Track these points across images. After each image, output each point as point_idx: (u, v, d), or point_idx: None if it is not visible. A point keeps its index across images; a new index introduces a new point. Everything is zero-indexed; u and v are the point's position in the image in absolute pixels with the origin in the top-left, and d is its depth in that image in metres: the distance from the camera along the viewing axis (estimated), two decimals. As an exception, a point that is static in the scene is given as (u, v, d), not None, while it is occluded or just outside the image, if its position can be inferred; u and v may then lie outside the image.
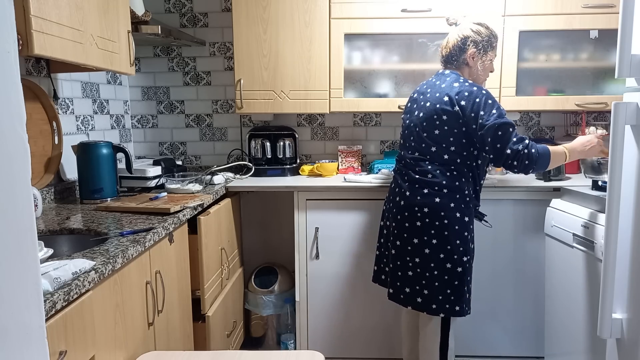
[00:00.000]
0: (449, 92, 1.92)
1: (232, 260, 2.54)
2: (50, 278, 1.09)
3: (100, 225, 1.71)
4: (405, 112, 2.13)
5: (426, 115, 1.96)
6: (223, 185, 2.54)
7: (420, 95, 2.06)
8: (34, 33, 1.45)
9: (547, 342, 2.30)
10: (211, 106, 3.04)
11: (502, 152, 1.85)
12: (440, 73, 2.06)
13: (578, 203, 2.07)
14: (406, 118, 2.10)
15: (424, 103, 2.00)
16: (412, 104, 2.09)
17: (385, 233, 2.13)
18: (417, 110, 2.02)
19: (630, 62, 1.41)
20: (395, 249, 2.02)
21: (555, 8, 2.49)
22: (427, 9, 2.53)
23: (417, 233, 1.95)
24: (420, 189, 1.95)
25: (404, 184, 2.01)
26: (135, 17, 2.27)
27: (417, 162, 1.99)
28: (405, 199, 1.98)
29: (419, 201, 1.94)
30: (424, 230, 1.94)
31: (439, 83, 2.00)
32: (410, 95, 2.15)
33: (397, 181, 2.07)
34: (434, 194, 1.93)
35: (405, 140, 2.07)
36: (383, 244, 2.17)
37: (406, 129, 2.08)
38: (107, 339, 1.34)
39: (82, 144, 2.14)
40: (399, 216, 2.00)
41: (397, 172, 2.10)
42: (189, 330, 2.03)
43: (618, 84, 2.55)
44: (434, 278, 1.95)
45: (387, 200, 2.14)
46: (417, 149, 1.99)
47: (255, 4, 2.58)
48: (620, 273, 1.52)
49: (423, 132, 1.97)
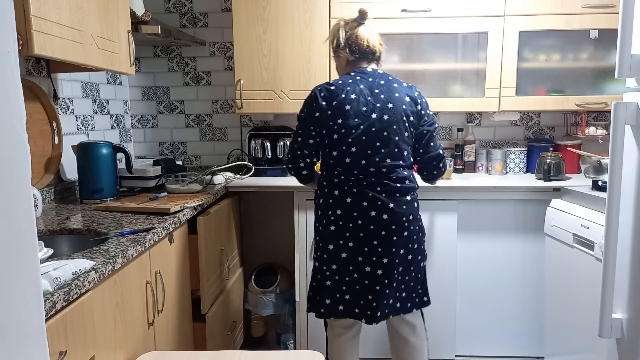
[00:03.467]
0: (407, 92, 1.90)
1: (232, 260, 2.54)
2: (50, 278, 1.09)
3: (100, 225, 1.71)
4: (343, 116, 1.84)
5: (395, 117, 1.84)
6: (223, 185, 2.54)
7: (363, 97, 1.85)
8: (34, 33, 1.45)
9: (547, 342, 2.30)
10: (211, 106, 3.04)
11: (437, 152, 1.94)
12: (381, 73, 1.93)
13: (578, 203, 2.07)
14: (356, 123, 1.83)
15: (382, 105, 1.84)
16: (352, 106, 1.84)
17: (347, 256, 1.86)
18: (377, 113, 1.84)
19: (630, 62, 1.41)
20: (381, 268, 1.84)
21: (555, 8, 2.49)
22: (427, 9, 2.53)
23: (404, 244, 1.86)
24: (403, 198, 1.85)
25: (380, 195, 1.82)
26: (135, 17, 2.27)
27: (393, 168, 1.84)
28: (390, 212, 1.82)
29: (406, 211, 1.85)
30: (410, 239, 1.88)
31: (387, 83, 1.89)
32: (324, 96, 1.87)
33: (363, 194, 1.83)
34: (413, 201, 1.89)
35: (367, 146, 1.83)
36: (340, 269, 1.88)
37: (365, 135, 1.83)
38: (107, 339, 1.34)
39: (82, 144, 2.14)
40: (383, 232, 1.82)
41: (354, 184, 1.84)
42: (189, 330, 2.03)
43: (618, 84, 2.55)
44: (411, 279, 1.94)
45: (345, 218, 1.84)
46: (389, 155, 1.84)
47: (255, 4, 2.58)
48: (620, 273, 1.51)
49: (395, 136, 1.84)
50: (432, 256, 2.52)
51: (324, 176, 1.92)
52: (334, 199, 1.86)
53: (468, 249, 2.54)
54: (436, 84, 2.64)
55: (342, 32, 1.96)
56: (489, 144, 2.97)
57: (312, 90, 1.93)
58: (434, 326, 2.56)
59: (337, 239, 1.86)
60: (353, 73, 1.93)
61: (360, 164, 1.83)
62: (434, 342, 2.57)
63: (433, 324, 2.56)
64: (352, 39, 1.93)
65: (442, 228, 2.49)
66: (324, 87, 1.90)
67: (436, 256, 2.51)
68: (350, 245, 1.85)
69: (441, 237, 2.50)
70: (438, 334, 2.56)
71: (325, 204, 1.89)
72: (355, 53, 1.93)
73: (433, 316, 2.55)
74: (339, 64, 2.02)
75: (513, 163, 2.81)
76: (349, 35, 1.94)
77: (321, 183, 1.93)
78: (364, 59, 1.94)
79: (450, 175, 2.62)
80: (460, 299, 2.57)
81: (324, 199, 1.90)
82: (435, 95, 2.62)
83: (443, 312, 2.55)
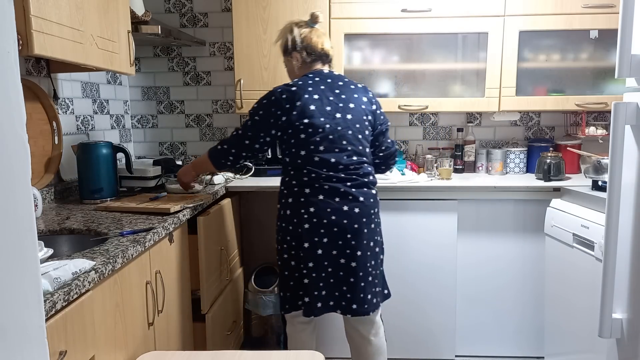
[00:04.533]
0: (363, 93, 1.99)
1: (232, 260, 2.54)
2: (50, 278, 1.09)
3: (100, 225, 1.71)
4: (309, 116, 1.88)
5: (357, 116, 1.93)
6: (223, 185, 2.54)
7: (325, 97, 1.91)
8: (34, 33, 1.45)
9: (547, 342, 2.30)
10: (211, 106, 3.04)
11: (394, 148, 2.12)
12: (337, 74, 2.01)
13: (578, 203, 2.07)
14: (321, 122, 1.88)
15: (344, 104, 1.92)
16: (317, 107, 1.89)
17: (323, 252, 1.89)
18: (341, 112, 1.91)
19: (630, 62, 1.41)
20: (355, 260, 1.90)
21: (555, 8, 2.49)
22: (427, 9, 2.53)
23: (371, 236, 1.94)
24: (370, 191, 1.94)
25: (350, 189, 1.89)
26: (135, 17, 2.27)
27: (359, 164, 1.92)
28: (360, 205, 1.90)
29: (372, 204, 1.94)
30: (375, 232, 1.97)
31: (345, 84, 1.97)
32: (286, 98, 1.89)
33: (334, 190, 1.87)
34: (376, 194, 1.99)
35: (334, 145, 1.88)
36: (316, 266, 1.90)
37: (332, 133, 1.88)
38: (107, 339, 1.34)
39: (82, 144, 2.14)
40: (355, 225, 1.89)
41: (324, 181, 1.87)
42: (189, 330, 2.03)
43: (618, 84, 2.55)
44: (380, 273, 2.03)
45: (318, 215, 1.87)
46: (355, 152, 1.91)
47: (255, 4, 2.58)
48: (620, 273, 1.52)
49: (358, 134, 1.93)
50: (432, 256, 2.52)
51: (291, 175, 1.93)
52: (305, 197, 1.89)
53: (468, 249, 2.54)
54: (436, 84, 2.64)
55: (296, 33, 1.99)
56: (489, 144, 2.97)
57: (271, 92, 1.94)
58: (434, 326, 2.56)
59: (312, 237, 1.89)
60: (311, 74, 1.97)
61: (329, 161, 1.88)
62: (434, 342, 2.57)
63: (433, 324, 2.56)
64: (306, 41, 1.98)
65: (442, 228, 2.49)
66: (285, 89, 1.92)
67: (436, 256, 2.52)
68: (325, 241, 1.90)
69: (441, 237, 2.50)
70: (438, 334, 2.57)
71: (295, 203, 1.91)
72: (312, 55, 1.99)
73: (433, 316, 2.55)
74: (291, 66, 2.06)
75: (513, 163, 2.81)
76: (303, 37, 1.98)
77: (289, 183, 1.94)
78: (318, 60, 2.01)
79: (450, 175, 2.62)
80: (460, 299, 2.57)
81: (293, 198, 1.92)
82: (435, 95, 2.62)
83: (443, 312, 2.55)
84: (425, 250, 2.52)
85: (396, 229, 2.51)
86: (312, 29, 2.00)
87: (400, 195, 2.50)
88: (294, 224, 1.92)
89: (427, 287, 2.53)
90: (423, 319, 2.57)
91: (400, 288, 2.55)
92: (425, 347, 2.58)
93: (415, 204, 2.50)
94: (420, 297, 2.55)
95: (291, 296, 1.98)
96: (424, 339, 2.57)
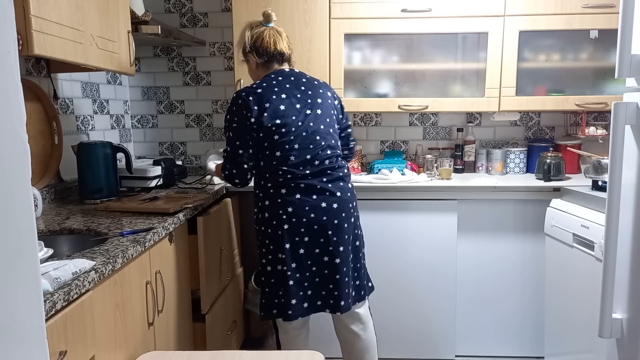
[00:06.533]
0: (326, 88, 2.02)
1: (232, 260, 2.54)
2: (50, 278, 1.09)
3: (100, 225, 1.71)
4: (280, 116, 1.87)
5: (326, 112, 1.96)
6: (223, 185, 2.54)
7: (293, 96, 1.91)
8: (34, 33, 1.45)
9: (547, 342, 2.30)
10: (211, 106, 3.04)
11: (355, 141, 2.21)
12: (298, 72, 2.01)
13: (578, 203, 2.07)
14: (293, 121, 1.87)
15: (312, 100, 1.94)
16: (286, 106, 1.88)
17: (305, 251, 1.90)
18: (310, 109, 1.92)
19: (630, 62, 1.41)
20: (339, 256, 1.90)
21: (555, 8, 2.49)
22: (427, 9, 2.53)
23: (351, 230, 1.95)
24: (346, 185, 1.95)
25: (327, 185, 1.89)
26: (135, 17, 2.27)
27: (333, 158, 1.94)
28: (338, 200, 1.90)
29: (350, 197, 1.95)
30: (354, 225, 1.98)
31: (308, 81, 1.99)
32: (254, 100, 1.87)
33: (311, 188, 1.87)
34: (352, 187, 2.00)
35: (308, 141, 1.88)
36: (300, 266, 1.91)
37: (305, 130, 1.88)
38: (107, 339, 1.34)
39: (82, 144, 2.14)
40: (335, 221, 1.89)
41: (301, 180, 1.87)
42: (189, 330, 2.03)
43: (618, 84, 2.55)
44: (361, 266, 2.02)
45: (297, 214, 1.87)
46: (329, 146, 1.93)
47: (255, 4, 2.58)
48: (620, 273, 1.52)
49: (329, 128, 1.96)
50: (432, 256, 2.52)
51: (266, 178, 1.92)
52: (282, 197, 1.88)
53: (468, 249, 2.54)
54: (436, 84, 2.64)
55: (247, 35, 1.98)
56: (489, 144, 2.97)
57: (236, 96, 1.91)
58: (434, 326, 2.56)
59: (292, 237, 1.88)
60: (273, 74, 1.96)
61: (305, 159, 1.88)
62: (434, 342, 2.57)
63: (433, 324, 2.56)
64: (258, 42, 1.97)
65: (442, 228, 2.49)
66: (251, 92, 1.90)
67: (436, 256, 2.52)
68: (306, 240, 1.89)
69: (441, 237, 2.50)
70: (438, 334, 2.57)
71: (273, 204, 1.89)
72: (264, 56, 1.97)
73: (433, 316, 2.55)
74: (249, 67, 2.07)
75: (513, 163, 2.81)
76: (255, 39, 1.97)
77: (264, 185, 1.93)
78: (273, 61, 1.99)
79: (450, 175, 2.62)
80: (460, 299, 2.57)
81: (270, 200, 1.90)
82: (435, 95, 2.62)
83: (443, 312, 2.55)
84: (425, 250, 2.52)
85: (396, 229, 2.51)
86: (266, 29, 1.97)
87: (400, 195, 2.50)
88: (273, 226, 1.90)
89: (427, 287, 2.53)
90: (423, 318, 2.57)
91: (400, 288, 2.55)
92: (425, 347, 2.58)
93: (415, 204, 2.50)
94: (420, 297, 2.55)
95: (275, 302, 1.96)
96: (424, 338, 2.57)
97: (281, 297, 1.94)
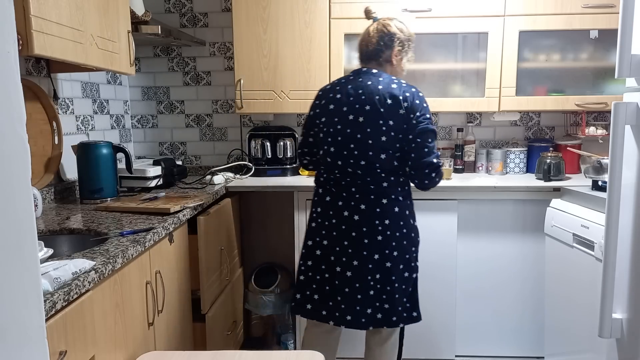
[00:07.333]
0: (392, 92, 1.79)
1: (232, 260, 2.54)
2: (50, 278, 1.09)
3: (100, 225, 1.71)
4: (327, 115, 1.87)
5: (370, 120, 1.79)
6: (223, 185, 2.54)
7: (346, 97, 1.84)
8: (34, 33, 1.45)
9: (547, 342, 2.30)
10: (211, 106, 3.04)
11: (428, 159, 1.79)
12: (366, 71, 1.87)
13: (578, 203, 2.07)
14: (334, 123, 1.84)
15: (360, 106, 1.80)
16: (335, 106, 1.85)
17: (321, 254, 1.90)
18: (353, 115, 1.81)
19: (630, 62, 1.41)
20: (351, 270, 1.83)
21: (555, 8, 2.49)
22: (427, 9, 2.53)
23: (378, 248, 1.81)
24: (378, 201, 1.81)
25: (354, 196, 1.82)
26: (135, 17, 2.27)
27: (369, 171, 1.81)
28: (361, 213, 1.81)
29: (379, 214, 1.80)
30: (385, 244, 1.82)
31: (372, 84, 1.82)
32: (319, 95, 1.93)
33: (339, 194, 1.85)
34: (392, 204, 1.82)
35: (342, 147, 1.83)
36: (314, 266, 1.92)
37: (340, 136, 1.83)
38: (107, 339, 1.34)
39: (82, 144, 2.14)
40: (353, 233, 1.82)
41: (334, 184, 1.86)
42: (189, 330, 2.03)
43: (618, 84, 2.55)
44: (395, 290, 1.84)
45: (323, 216, 1.88)
46: (364, 157, 1.80)
47: (255, 4, 2.58)
48: (620, 273, 1.51)
49: (368, 139, 1.79)
50: (432, 256, 2.52)
51: (318, 173, 1.98)
52: (318, 196, 1.94)
53: (468, 249, 2.54)
54: (436, 84, 2.64)
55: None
56: (489, 144, 2.97)
57: None
58: (434, 326, 2.56)
59: (314, 236, 1.93)
60: (351, 72, 1.94)
61: (337, 164, 1.86)
62: (434, 342, 2.57)
63: (433, 324, 2.56)
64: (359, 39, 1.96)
65: (442, 228, 2.49)
66: (324, 87, 1.97)
67: (436, 256, 2.51)
68: (324, 243, 1.90)
69: (441, 237, 2.50)
70: (438, 334, 2.57)
71: (312, 200, 1.98)
72: (358, 53, 1.97)
73: (433, 316, 2.55)
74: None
75: (513, 163, 2.81)
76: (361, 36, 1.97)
77: (316, 179, 1.99)
78: (363, 58, 1.94)
79: (450, 175, 2.62)
80: (460, 299, 2.57)
81: (313, 196, 1.99)
82: (435, 95, 2.62)
83: (443, 312, 2.55)
84: (425, 250, 2.51)
85: (396, 229, 2.51)
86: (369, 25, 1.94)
87: (400, 195, 2.49)
88: (309, 220, 1.98)
89: (428, 287, 2.53)
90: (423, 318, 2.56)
91: (400, 288, 2.55)
92: (425, 347, 2.58)
93: (416, 204, 2.49)
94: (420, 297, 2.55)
95: (294, 292, 2.01)
96: (424, 338, 2.57)
97: (296, 289, 2.00)
